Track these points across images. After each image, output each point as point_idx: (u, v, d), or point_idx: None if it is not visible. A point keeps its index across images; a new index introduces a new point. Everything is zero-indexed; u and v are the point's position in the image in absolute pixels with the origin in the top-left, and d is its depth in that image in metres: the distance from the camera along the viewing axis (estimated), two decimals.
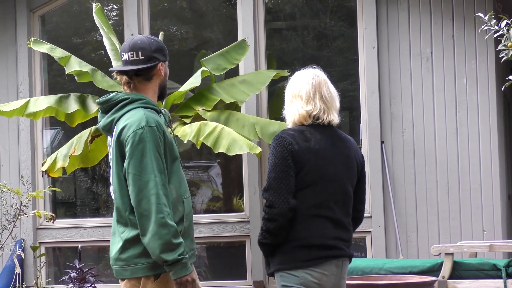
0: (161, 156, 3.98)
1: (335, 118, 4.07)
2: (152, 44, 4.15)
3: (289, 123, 4.10)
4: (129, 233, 4.01)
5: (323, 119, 4.03)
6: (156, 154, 3.95)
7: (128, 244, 4.01)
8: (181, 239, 3.95)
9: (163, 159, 4.00)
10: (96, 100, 4.30)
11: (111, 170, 4.17)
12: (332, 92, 4.09)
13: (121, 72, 4.19)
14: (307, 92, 4.04)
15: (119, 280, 4.12)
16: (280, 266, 3.95)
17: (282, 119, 4.25)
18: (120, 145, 4.02)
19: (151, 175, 3.92)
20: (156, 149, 3.96)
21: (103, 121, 4.16)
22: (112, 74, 4.29)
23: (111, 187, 4.16)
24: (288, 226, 3.91)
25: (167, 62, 4.24)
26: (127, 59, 4.16)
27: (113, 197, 4.15)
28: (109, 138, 4.19)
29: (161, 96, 4.27)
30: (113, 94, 4.17)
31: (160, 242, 3.89)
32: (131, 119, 4.01)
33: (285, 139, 3.96)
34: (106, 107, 4.15)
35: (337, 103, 4.09)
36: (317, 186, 3.95)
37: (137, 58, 4.13)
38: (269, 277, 4.14)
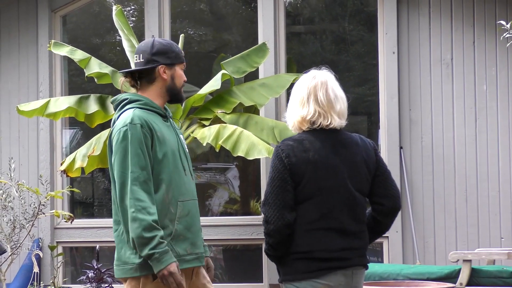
0: (144, 153, 4.01)
1: (335, 121, 3.85)
2: (154, 47, 4.19)
3: (291, 129, 3.97)
4: (117, 231, 4.07)
5: (320, 123, 3.86)
6: (138, 151, 3.99)
7: (121, 243, 4.06)
8: (155, 233, 3.92)
9: (147, 156, 4.02)
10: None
11: None
12: (331, 94, 3.88)
13: (122, 74, 4.31)
14: (302, 96, 3.90)
15: (122, 281, 4.13)
16: (284, 277, 3.88)
17: None
18: (110, 143, 4.12)
19: (129, 172, 3.97)
20: (139, 146, 3.99)
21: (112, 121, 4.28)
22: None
23: None
24: (287, 240, 3.81)
25: (177, 66, 4.22)
26: (134, 61, 4.27)
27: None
28: None
29: (173, 100, 4.26)
30: (119, 94, 4.27)
31: (132, 236, 3.93)
32: (121, 119, 4.09)
33: (283, 151, 3.81)
34: (114, 107, 4.26)
35: (338, 106, 3.88)
36: (318, 199, 3.81)
37: (138, 61, 4.22)
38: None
